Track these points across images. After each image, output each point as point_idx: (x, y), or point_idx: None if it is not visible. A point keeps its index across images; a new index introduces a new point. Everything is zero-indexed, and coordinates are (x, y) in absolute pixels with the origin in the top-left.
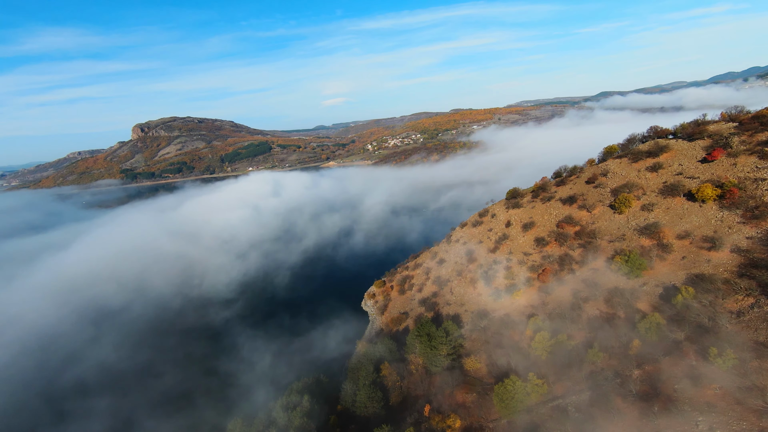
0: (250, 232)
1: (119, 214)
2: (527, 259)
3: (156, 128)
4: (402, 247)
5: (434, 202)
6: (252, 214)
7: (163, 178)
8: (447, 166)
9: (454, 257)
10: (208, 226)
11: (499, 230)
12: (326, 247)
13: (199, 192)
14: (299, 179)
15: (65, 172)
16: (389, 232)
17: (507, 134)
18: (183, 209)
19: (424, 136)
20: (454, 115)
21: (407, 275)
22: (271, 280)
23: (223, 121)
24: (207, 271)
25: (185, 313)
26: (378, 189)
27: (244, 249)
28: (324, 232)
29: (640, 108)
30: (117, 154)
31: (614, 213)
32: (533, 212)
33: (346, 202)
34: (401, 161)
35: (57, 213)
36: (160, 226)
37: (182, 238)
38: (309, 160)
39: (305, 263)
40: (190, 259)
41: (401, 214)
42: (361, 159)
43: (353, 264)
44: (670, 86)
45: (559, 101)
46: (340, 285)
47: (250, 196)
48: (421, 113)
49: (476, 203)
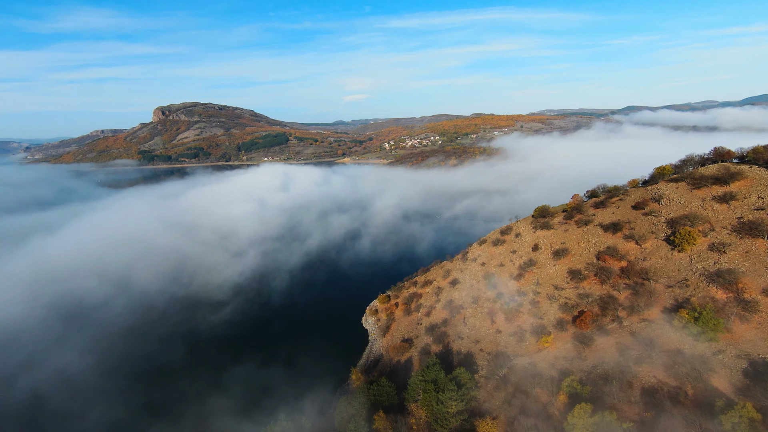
0: (252, 228)
1: (118, 199)
2: (559, 294)
3: (177, 112)
4: (411, 257)
5: (448, 210)
6: (256, 208)
7: (179, 162)
8: (465, 171)
9: (470, 280)
10: (208, 219)
11: (525, 253)
12: (330, 251)
13: (208, 180)
14: (310, 174)
15: (86, 149)
16: (398, 239)
17: (530, 143)
18: (185, 198)
19: (443, 138)
20: (475, 119)
21: (415, 293)
22: (267, 283)
23: (243, 109)
24: (199, 268)
25: (168, 316)
26: (391, 191)
27: (243, 246)
28: (329, 234)
29: (671, 125)
30: (137, 135)
31: (673, 250)
32: (566, 237)
33: (356, 203)
34: (417, 163)
35: (68, 190)
36: (157, 215)
37: (178, 230)
38: (325, 155)
39: (306, 266)
40: (182, 254)
41: (413, 220)
42: (377, 157)
43: (357, 272)
44: (700, 105)
45: (584, 112)
46: (340, 295)
47: (258, 189)
48: (441, 115)
49: (493, 214)
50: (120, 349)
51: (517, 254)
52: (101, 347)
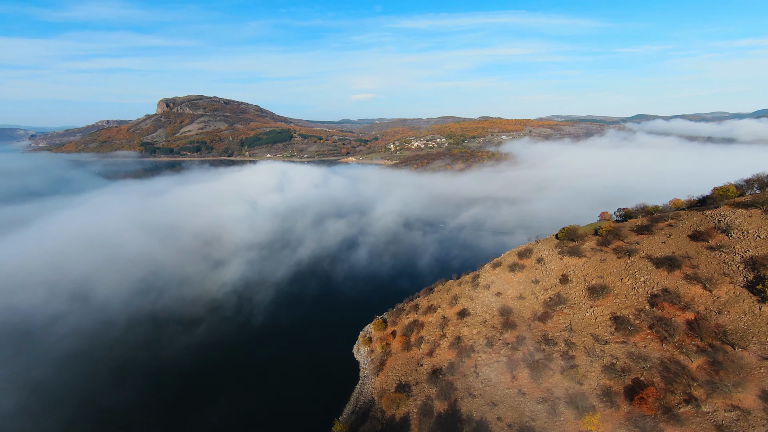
0: (238, 234)
1: (97, 195)
2: (602, 350)
3: (181, 105)
4: (412, 271)
5: (454, 218)
6: (246, 211)
7: (181, 155)
8: (472, 177)
9: (483, 312)
10: (191, 221)
11: (551, 285)
12: (323, 260)
13: (201, 177)
14: (310, 174)
15: (88, 139)
16: (399, 249)
17: (540, 149)
18: (170, 196)
19: (450, 141)
20: (482, 122)
21: (416, 321)
22: (249, 298)
23: (248, 104)
24: (173, 279)
25: (129, 337)
26: (393, 195)
27: (226, 254)
28: (324, 242)
29: (685, 135)
30: (140, 127)
31: (761, 303)
32: (604, 269)
33: (356, 207)
34: (422, 166)
35: (60, 180)
36: (134, 214)
37: (154, 234)
38: (328, 153)
39: (295, 279)
40: (155, 262)
41: (415, 229)
42: (382, 158)
43: (351, 287)
44: (710, 116)
45: (592, 119)
46: (331, 314)
47: (251, 189)
48: (447, 117)
49: (502, 226)
50: (56, 384)
51: (540, 285)
52: (32, 381)
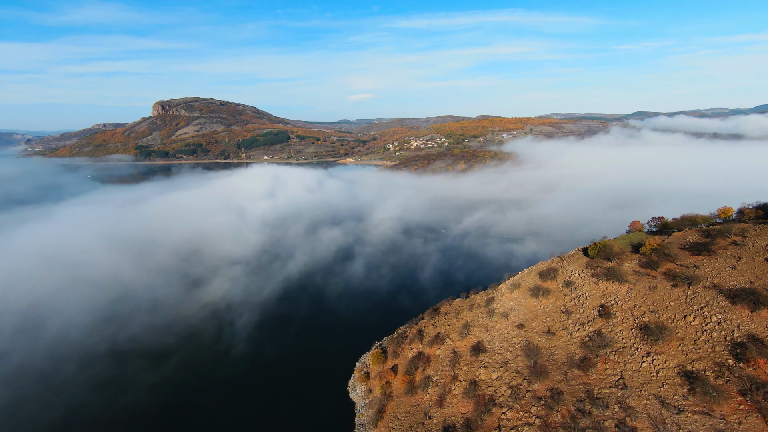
0: (222, 247)
1: (68, 206)
2: (676, 422)
3: (177, 107)
4: (413, 285)
5: (457, 223)
6: (233, 221)
7: (176, 158)
8: (474, 178)
9: (502, 348)
10: (170, 234)
11: (587, 319)
12: (316, 275)
13: (189, 182)
14: (304, 178)
15: (82, 143)
16: (398, 260)
17: (544, 147)
18: (150, 206)
19: (449, 140)
20: (482, 121)
21: (420, 354)
22: (230, 324)
23: (245, 105)
24: (143, 303)
25: (85, 376)
26: (391, 199)
27: (207, 272)
28: (317, 253)
29: (690, 132)
30: (135, 130)
31: None
32: (656, 300)
33: (352, 213)
34: (422, 167)
35: (46, 187)
36: (106, 228)
37: (126, 251)
38: (326, 154)
39: (284, 297)
40: (123, 285)
41: (415, 236)
42: (380, 158)
43: (347, 305)
44: (710, 112)
45: (592, 117)
46: (324, 339)
47: (240, 196)
48: (447, 116)
49: (509, 231)
50: None
51: (574, 318)
52: None
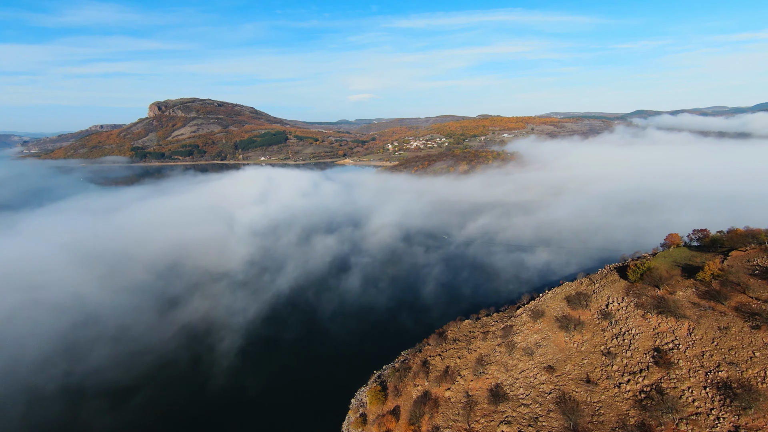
0: (205, 261)
1: (35, 216)
2: None
3: (174, 108)
4: (414, 301)
5: (460, 229)
6: (219, 231)
7: (172, 159)
8: (477, 180)
9: (527, 396)
10: (147, 247)
11: (637, 366)
12: (307, 290)
13: (178, 186)
14: (299, 181)
15: (77, 144)
16: (399, 272)
17: (548, 147)
18: (129, 214)
19: (450, 140)
20: (482, 120)
21: (427, 394)
22: (209, 350)
23: (243, 106)
24: (108, 329)
25: (27, 423)
26: (391, 204)
27: (186, 290)
28: (310, 265)
29: (696, 130)
30: (131, 131)
31: None
32: (731, 345)
33: (349, 218)
34: (423, 168)
35: (32, 191)
36: (75, 241)
37: (94, 268)
38: (325, 155)
39: (272, 317)
40: (87, 309)
41: (416, 244)
42: (380, 159)
43: (341, 326)
44: (711, 110)
45: (593, 115)
46: (315, 368)
47: (230, 202)
48: (446, 116)
49: (517, 239)
50: None
51: (618, 363)
52: None
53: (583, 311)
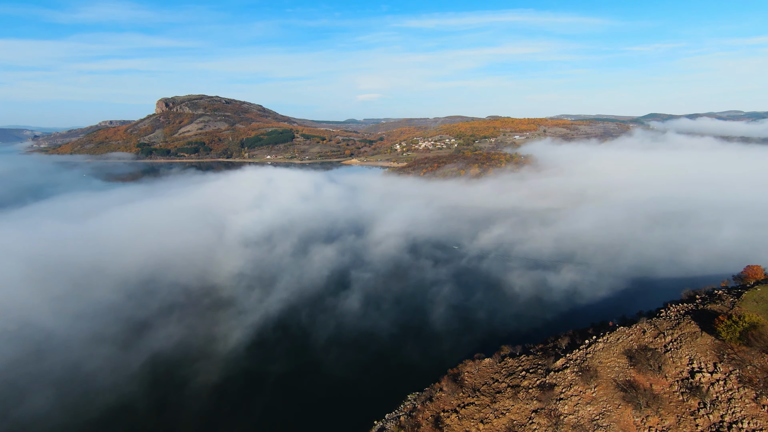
0: (186, 276)
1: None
2: None
3: (181, 104)
4: (421, 327)
5: (471, 240)
6: (206, 241)
7: (178, 156)
8: (490, 185)
9: None
10: (121, 259)
11: None
12: (300, 311)
13: (170, 187)
14: (302, 183)
15: (84, 140)
16: (404, 290)
17: (564, 151)
18: (107, 219)
19: (459, 141)
20: (493, 122)
21: None
22: (176, 392)
23: (251, 104)
24: (54, 368)
25: None
26: (397, 210)
27: (158, 311)
28: (304, 281)
29: (717, 135)
30: (138, 127)
31: None
32: None
33: (351, 225)
34: (432, 170)
35: (24, 188)
36: (37, 252)
37: (54, 286)
38: (331, 155)
39: (256, 344)
40: (34, 340)
41: (423, 256)
42: (387, 159)
43: (337, 358)
44: (725, 114)
45: (605, 118)
46: (302, 416)
47: (223, 206)
48: (455, 116)
49: (536, 252)
50: None
51: None
52: None
53: (654, 377)
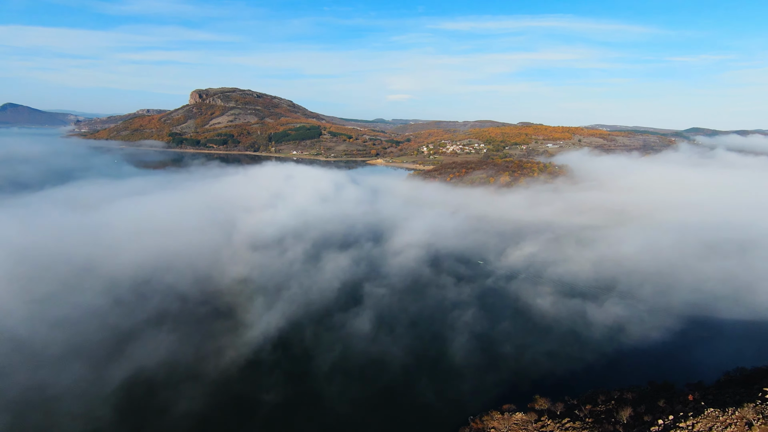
0: (183, 280)
1: (7, 208)
2: None
3: (213, 96)
4: (438, 358)
5: (498, 255)
6: (212, 242)
7: (207, 147)
8: (521, 196)
9: None
10: (116, 258)
11: None
12: (303, 329)
13: (187, 179)
14: (322, 182)
15: (120, 126)
16: (421, 311)
17: (603, 163)
18: (111, 211)
19: (489, 146)
20: (525, 128)
21: None
22: (155, 419)
23: (281, 99)
24: (11, 390)
25: None
26: (419, 218)
27: (147, 320)
28: (312, 293)
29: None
30: (171, 117)
31: None
32: None
33: (370, 231)
34: (459, 176)
35: (52, 171)
36: (31, 243)
37: (37, 286)
38: (357, 153)
39: (252, 364)
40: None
41: (445, 271)
42: (413, 161)
43: (340, 386)
44: None
45: (642, 130)
46: None
47: (235, 204)
48: (485, 121)
49: (572, 276)
50: None
51: None
52: None
53: None
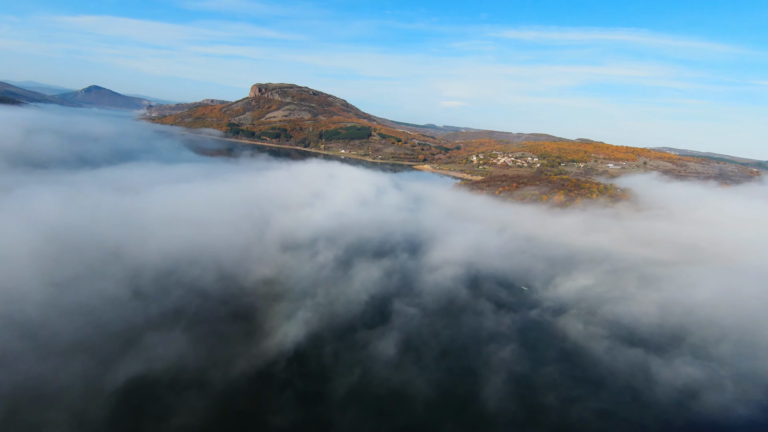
0: (207, 276)
1: (43, 185)
2: None
3: (272, 91)
4: (468, 399)
5: (546, 284)
6: (243, 238)
7: (260, 139)
8: (577, 219)
9: None
10: (145, 245)
11: None
12: (323, 346)
13: (232, 170)
14: (364, 184)
15: (185, 114)
16: (453, 339)
17: (675, 191)
18: (149, 197)
19: (543, 161)
20: (583, 145)
21: None
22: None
23: (335, 97)
24: (3, 385)
25: None
26: (462, 233)
27: (157, 318)
28: (337, 305)
29: None
30: (231, 108)
31: None
32: None
33: (407, 242)
34: (509, 190)
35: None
36: (67, 222)
37: (65, 266)
38: (404, 157)
39: (257, 383)
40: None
41: (483, 296)
42: (461, 170)
43: (355, 420)
44: None
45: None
46: None
47: (273, 201)
48: (540, 134)
49: (632, 318)
50: None
51: None
52: None
53: None
